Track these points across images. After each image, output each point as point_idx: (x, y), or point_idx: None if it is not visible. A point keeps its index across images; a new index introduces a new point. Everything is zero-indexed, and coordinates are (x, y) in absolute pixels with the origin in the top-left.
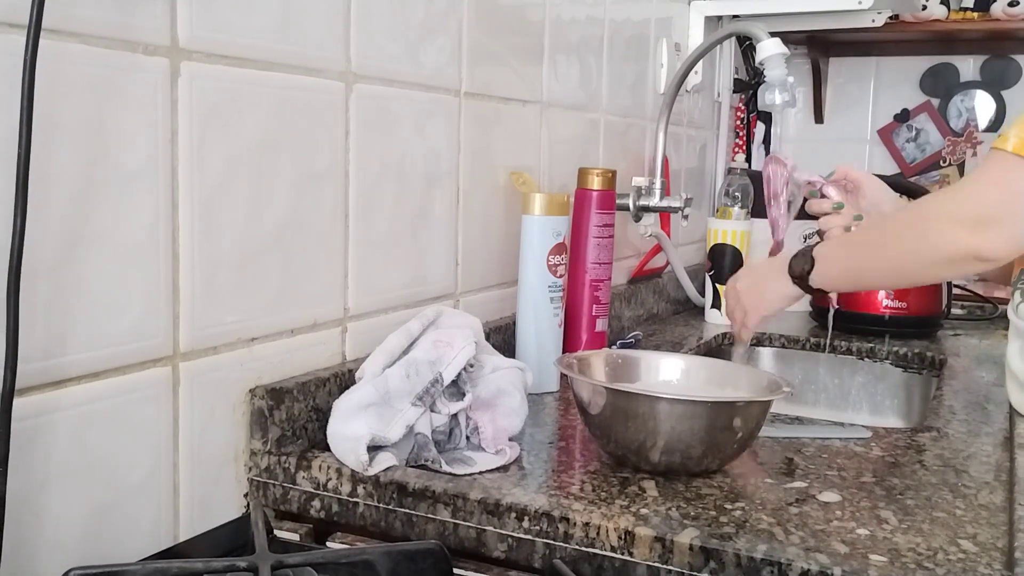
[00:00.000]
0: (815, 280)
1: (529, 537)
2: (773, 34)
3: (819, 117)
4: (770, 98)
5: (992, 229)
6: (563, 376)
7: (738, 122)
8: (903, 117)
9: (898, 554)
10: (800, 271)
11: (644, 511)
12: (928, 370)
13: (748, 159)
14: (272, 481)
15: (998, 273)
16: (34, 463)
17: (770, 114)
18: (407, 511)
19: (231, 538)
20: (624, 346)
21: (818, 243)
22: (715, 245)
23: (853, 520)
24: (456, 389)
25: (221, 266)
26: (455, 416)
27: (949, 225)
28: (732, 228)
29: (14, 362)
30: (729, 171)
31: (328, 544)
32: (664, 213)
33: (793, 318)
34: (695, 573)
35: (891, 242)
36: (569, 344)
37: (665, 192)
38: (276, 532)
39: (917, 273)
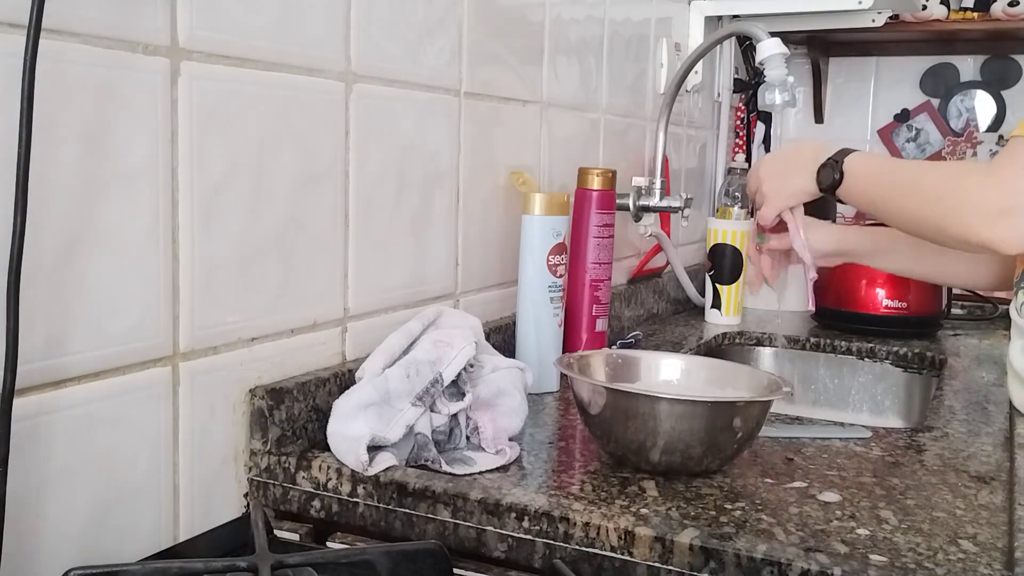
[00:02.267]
0: (840, 193)
1: (529, 537)
2: (773, 34)
3: (819, 117)
4: (770, 98)
5: (1012, 222)
6: (563, 376)
7: (738, 122)
8: (903, 117)
9: (898, 554)
10: (828, 182)
11: (644, 511)
12: (928, 370)
13: (748, 159)
14: (272, 481)
15: (996, 279)
16: (34, 463)
17: (770, 114)
18: (407, 511)
19: (231, 538)
20: (624, 346)
21: (850, 152)
22: (715, 245)
23: (853, 520)
24: (456, 389)
25: (221, 266)
26: (455, 416)
27: (975, 214)
28: (732, 228)
29: (14, 362)
30: (729, 171)
31: (328, 544)
32: (664, 213)
33: (794, 318)
34: (695, 573)
35: (918, 201)
36: (569, 344)
37: (665, 192)
38: (276, 532)
39: (931, 238)
